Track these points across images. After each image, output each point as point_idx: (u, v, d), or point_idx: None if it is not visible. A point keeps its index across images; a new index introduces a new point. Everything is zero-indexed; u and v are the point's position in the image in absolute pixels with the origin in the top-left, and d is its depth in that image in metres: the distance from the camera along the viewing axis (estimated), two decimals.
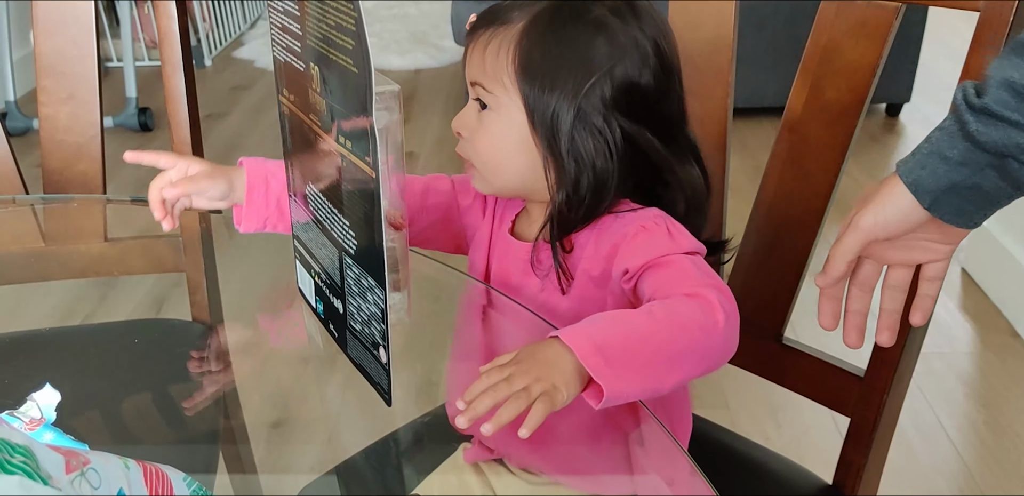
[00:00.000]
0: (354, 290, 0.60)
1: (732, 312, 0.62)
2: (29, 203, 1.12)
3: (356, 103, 0.52)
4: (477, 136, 0.71)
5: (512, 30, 0.68)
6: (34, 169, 1.08)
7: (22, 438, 0.36)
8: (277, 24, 0.63)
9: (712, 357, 0.61)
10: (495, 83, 0.68)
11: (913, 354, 0.80)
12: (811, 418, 1.51)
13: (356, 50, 0.50)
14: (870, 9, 0.76)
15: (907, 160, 0.63)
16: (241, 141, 2.80)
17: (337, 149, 0.57)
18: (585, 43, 0.67)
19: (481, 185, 0.74)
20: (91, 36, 1.06)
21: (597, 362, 0.55)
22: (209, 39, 3.57)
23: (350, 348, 0.64)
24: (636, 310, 0.61)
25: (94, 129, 1.07)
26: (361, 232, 0.57)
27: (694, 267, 0.66)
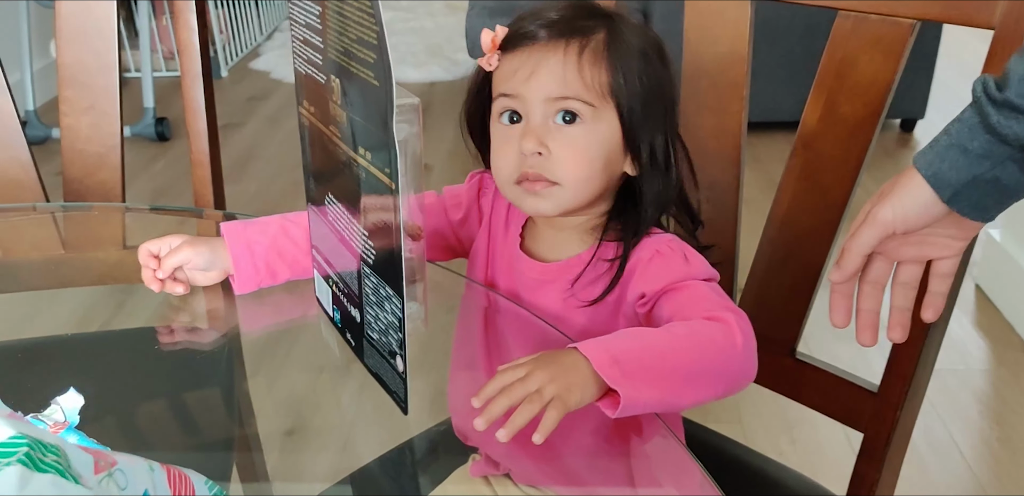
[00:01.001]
0: (372, 299, 0.61)
1: (750, 336, 0.62)
2: (49, 211, 1.13)
3: (377, 115, 0.53)
4: (567, 151, 0.68)
5: (596, 41, 0.68)
6: (53, 177, 1.10)
7: (53, 438, 0.37)
8: (299, 37, 0.64)
9: (730, 379, 0.62)
10: (595, 95, 0.68)
11: (927, 369, 0.80)
12: (825, 434, 1.51)
13: (378, 63, 0.51)
14: (885, 25, 0.77)
15: (925, 152, 0.63)
16: (257, 152, 2.82)
17: (358, 161, 0.58)
18: (655, 56, 0.70)
19: (550, 205, 0.70)
20: (113, 48, 1.08)
21: (613, 372, 0.56)
22: (226, 50, 3.60)
23: (367, 357, 0.65)
24: (655, 328, 0.62)
25: (114, 139, 1.08)
26: (380, 242, 0.58)
27: (712, 292, 0.67)
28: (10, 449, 0.35)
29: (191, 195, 1.32)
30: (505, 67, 0.70)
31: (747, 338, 0.62)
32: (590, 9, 0.71)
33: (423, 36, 3.82)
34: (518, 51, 0.69)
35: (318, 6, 0.58)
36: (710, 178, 0.89)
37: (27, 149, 1.08)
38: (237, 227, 0.80)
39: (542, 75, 0.68)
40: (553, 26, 0.68)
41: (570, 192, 0.69)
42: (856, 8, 0.77)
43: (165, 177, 2.64)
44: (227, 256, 0.79)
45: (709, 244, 0.77)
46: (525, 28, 0.69)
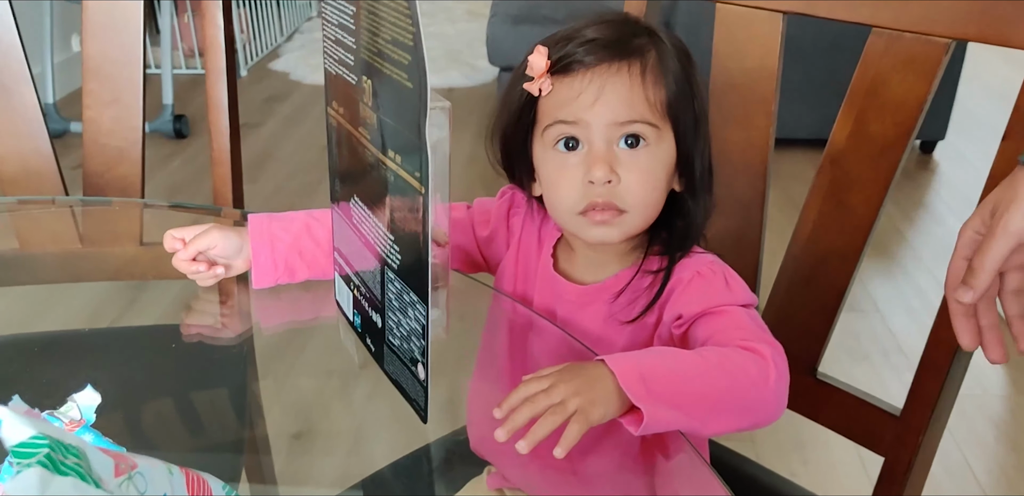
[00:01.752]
0: (395, 305, 0.60)
1: (783, 372, 0.61)
2: (68, 205, 1.13)
3: (409, 118, 0.52)
4: (634, 175, 0.66)
5: (651, 59, 0.67)
6: (71, 171, 1.09)
7: (74, 439, 0.36)
8: (331, 37, 0.63)
9: (758, 412, 0.60)
10: (658, 115, 0.66)
11: (952, 394, 0.78)
12: (838, 455, 1.49)
13: (412, 65, 0.50)
14: (919, 44, 0.76)
15: None
16: (274, 151, 2.82)
17: (387, 163, 0.57)
18: (688, 57, 0.69)
19: (617, 233, 0.68)
20: (138, 41, 1.07)
21: (639, 389, 0.55)
22: (246, 50, 3.62)
23: (387, 363, 0.64)
24: (688, 351, 0.60)
25: (136, 133, 1.08)
26: (406, 247, 0.57)
27: (750, 320, 0.65)
28: (31, 450, 0.34)
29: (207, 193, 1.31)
30: (562, 93, 0.67)
31: (780, 373, 0.60)
32: (630, 25, 0.69)
33: (443, 41, 3.82)
34: (573, 76, 0.66)
35: (352, 6, 0.58)
36: (736, 193, 0.88)
37: (48, 141, 1.08)
38: (262, 221, 0.79)
39: (609, 100, 0.65)
40: (606, 48, 0.66)
41: (638, 218, 0.68)
42: (891, 26, 0.76)
43: (182, 174, 2.64)
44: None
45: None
46: (574, 51, 0.67)
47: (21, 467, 0.33)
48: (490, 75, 3.39)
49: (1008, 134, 0.71)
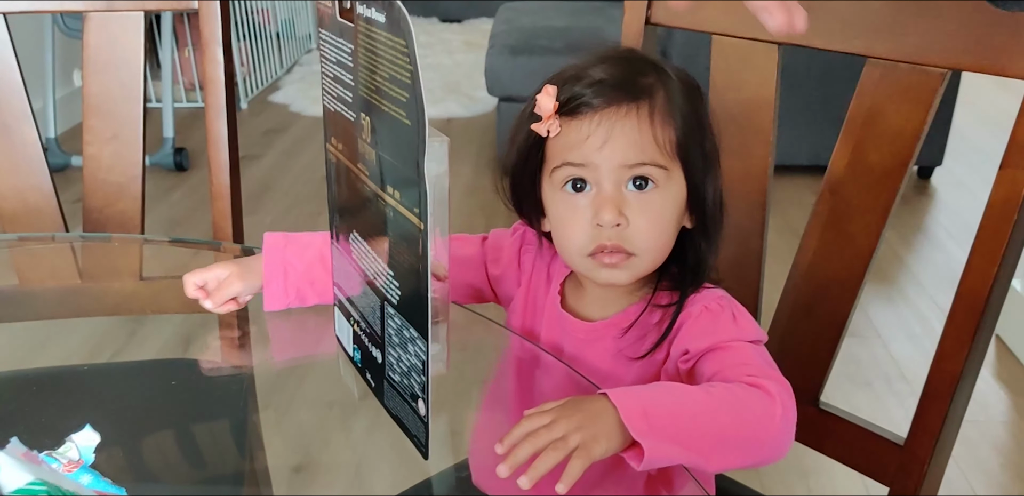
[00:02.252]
0: (395, 340, 0.60)
1: (789, 409, 0.60)
2: (68, 241, 1.13)
3: (407, 155, 0.53)
4: (643, 219, 0.66)
5: (660, 100, 0.66)
6: (70, 205, 1.10)
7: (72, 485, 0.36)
8: (329, 74, 0.64)
9: (762, 450, 0.60)
10: (667, 157, 0.66)
11: (955, 423, 0.78)
12: (842, 483, 1.48)
13: (410, 102, 0.51)
14: (915, 74, 0.76)
15: None
16: (274, 184, 2.83)
17: (386, 199, 0.57)
18: (696, 91, 0.69)
19: (626, 276, 0.68)
20: (139, 78, 1.08)
21: (640, 425, 0.55)
22: (246, 82, 3.64)
23: (387, 398, 0.64)
24: (694, 386, 0.60)
25: (136, 169, 1.09)
26: (406, 282, 0.57)
27: (758, 357, 0.65)
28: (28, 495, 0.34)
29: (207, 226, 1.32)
30: (570, 135, 0.66)
31: (786, 411, 0.59)
32: (637, 63, 0.69)
33: (441, 72, 3.86)
34: (582, 117, 0.66)
35: (350, 44, 0.58)
36: (736, 222, 0.88)
37: (49, 177, 1.08)
38: (278, 243, 0.80)
39: (618, 143, 0.65)
40: (614, 89, 0.66)
41: (647, 261, 0.67)
42: (886, 56, 0.77)
43: (182, 207, 2.65)
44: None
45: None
46: (582, 92, 0.66)
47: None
48: (489, 105, 3.41)
49: (1005, 163, 0.71)
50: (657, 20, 0.91)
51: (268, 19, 3.91)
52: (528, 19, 2.95)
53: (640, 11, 0.91)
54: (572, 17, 2.96)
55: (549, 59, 2.75)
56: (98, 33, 1.07)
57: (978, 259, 0.73)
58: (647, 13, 0.91)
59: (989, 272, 0.72)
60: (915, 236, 2.47)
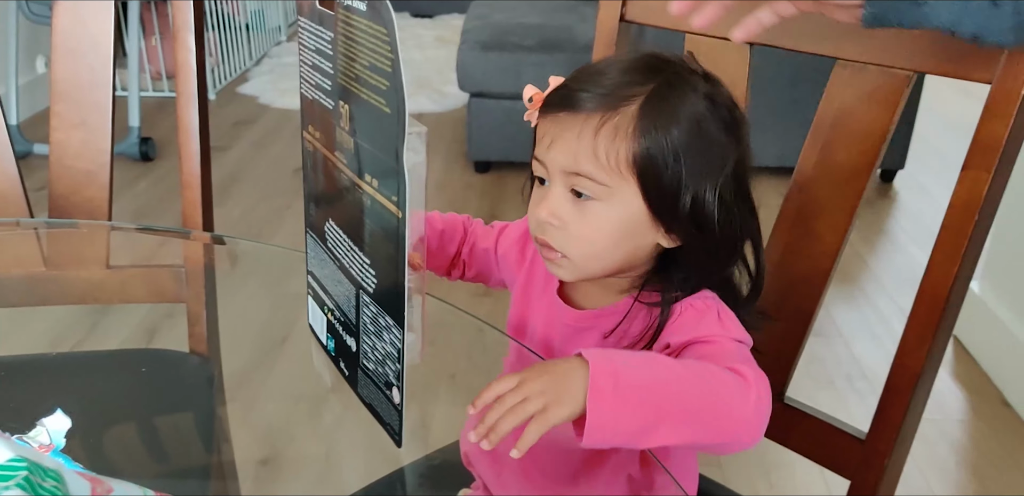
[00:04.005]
0: (370, 329, 0.60)
1: (765, 398, 0.60)
2: (33, 227, 1.11)
3: (386, 143, 0.53)
4: (578, 226, 0.66)
5: (624, 115, 0.64)
6: (34, 193, 1.08)
7: (53, 463, 0.36)
8: (307, 62, 0.64)
9: (730, 430, 0.59)
10: (610, 174, 0.64)
11: (916, 418, 0.80)
12: (803, 478, 1.50)
13: (391, 91, 0.51)
14: (882, 76, 0.78)
15: None
16: (241, 175, 2.80)
17: (363, 188, 0.57)
18: (706, 117, 0.65)
19: (568, 273, 0.69)
20: (108, 64, 1.07)
21: (606, 383, 0.55)
22: (214, 73, 3.61)
23: (361, 387, 0.64)
24: (671, 358, 0.60)
25: (104, 156, 1.07)
26: (382, 271, 0.57)
27: (739, 352, 0.65)
28: (9, 472, 0.34)
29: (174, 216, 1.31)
30: (540, 128, 0.68)
31: (761, 399, 0.59)
32: (646, 68, 0.66)
33: (412, 68, 3.85)
34: (550, 116, 0.66)
35: (330, 32, 0.58)
36: None
37: (14, 163, 1.07)
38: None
39: (559, 147, 0.65)
40: (584, 95, 0.65)
41: (580, 265, 0.68)
42: (855, 58, 0.78)
43: (147, 197, 2.62)
44: None
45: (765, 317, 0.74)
46: (566, 89, 0.66)
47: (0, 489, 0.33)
48: (460, 101, 3.41)
49: (967, 164, 0.73)
50: (632, 17, 0.92)
51: (237, 10, 3.87)
52: (500, 15, 2.95)
53: (614, 8, 0.92)
54: (545, 14, 2.97)
55: (520, 55, 2.75)
56: (67, 18, 1.05)
57: (940, 257, 0.75)
58: (621, 10, 0.92)
59: (950, 270, 0.74)
60: (877, 238, 2.52)
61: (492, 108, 2.74)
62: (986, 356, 1.89)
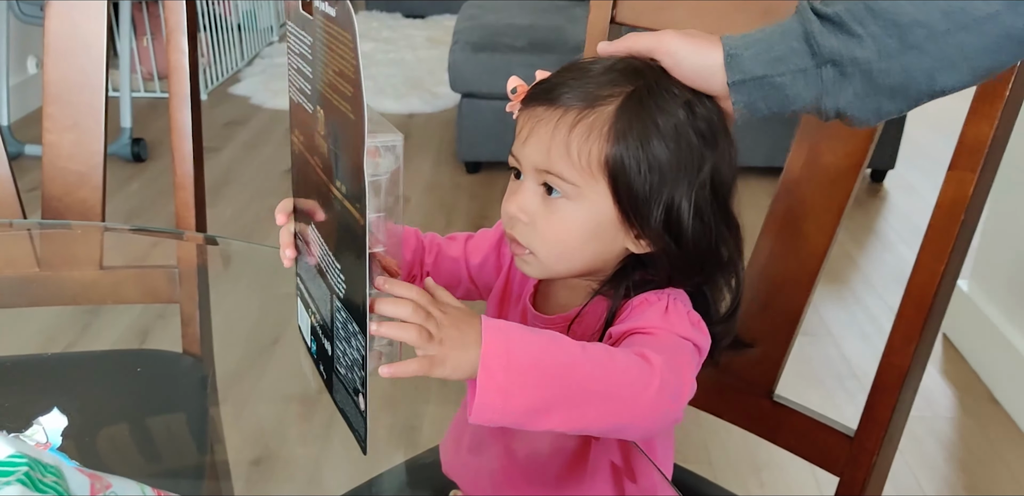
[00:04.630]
0: (341, 334, 0.59)
1: (671, 387, 0.58)
2: (26, 227, 1.12)
3: (352, 149, 0.53)
4: (546, 224, 0.66)
5: (599, 114, 0.63)
6: (25, 194, 1.08)
7: (52, 458, 0.36)
8: (293, 65, 0.64)
9: (626, 414, 0.58)
10: (581, 173, 0.63)
11: (903, 415, 0.81)
12: (793, 477, 1.51)
13: (354, 97, 0.51)
14: None
15: (735, 37, 0.64)
16: (233, 176, 2.80)
17: (335, 193, 0.57)
18: (684, 125, 0.64)
19: (535, 270, 0.69)
20: (101, 65, 1.07)
21: (497, 362, 0.55)
22: (206, 74, 3.60)
23: (335, 391, 0.63)
24: (574, 341, 0.58)
25: (97, 158, 1.07)
26: (350, 277, 0.56)
27: (672, 345, 0.62)
28: (9, 468, 0.34)
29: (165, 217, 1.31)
30: (519, 121, 0.67)
31: (663, 389, 0.57)
32: (630, 70, 0.65)
33: (404, 68, 3.85)
34: (528, 109, 0.66)
35: (310, 36, 0.58)
36: None
37: (7, 164, 1.07)
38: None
39: (532, 143, 0.65)
40: (561, 91, 0.64)
41: (546, 263, 0.67)
42: None
43: (139, 198, 2.61)
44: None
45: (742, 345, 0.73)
46: (548, 83, 0.66)
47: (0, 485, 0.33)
48: (451, 101, 3.41)
49: (953, 164, 0.74)
50: (622, 19, 0.92)
51: (229, 10, 3.87)
52: (492, 16, 2.95)
53: (605, 10, 0.93)
54: (536, 15, 2.97)
55: (512, 56, 2.76)
56: (60, 20, 1.06)
57: (926, 256, 0.76)
58: (612, 12, 0.92)
59: (937, 269, 0.75)
60: (867, 237, 2.53)
61: (483, 108, 2.74)
62: (975, 354, 1.91)
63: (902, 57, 0.59)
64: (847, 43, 0.60)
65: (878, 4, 0.59)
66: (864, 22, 0.60)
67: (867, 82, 0.61)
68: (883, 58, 0.60)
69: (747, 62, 0.63)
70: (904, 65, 0.59)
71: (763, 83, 0.63)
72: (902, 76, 0.60)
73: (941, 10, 0.58)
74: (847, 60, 0.60)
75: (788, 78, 0.62)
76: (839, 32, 0.60)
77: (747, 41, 0.64)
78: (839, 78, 0.61)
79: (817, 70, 0.62)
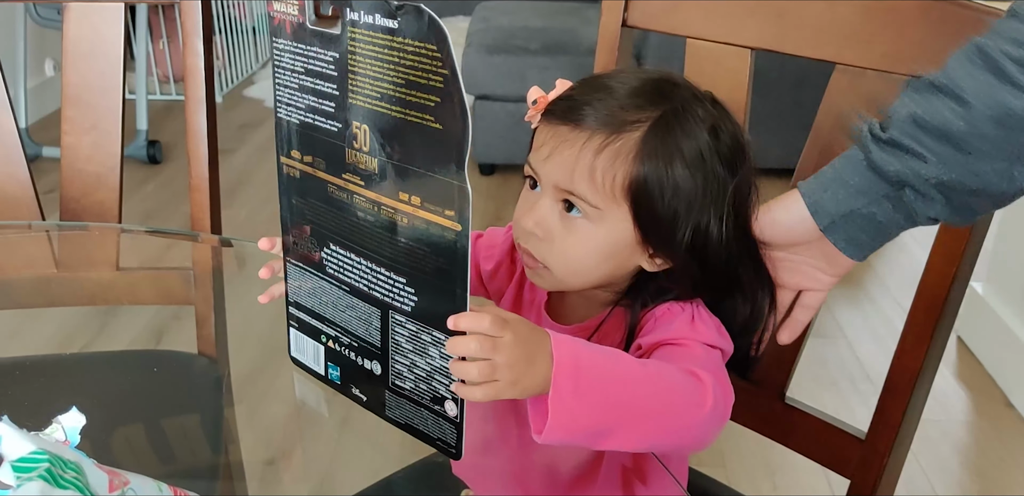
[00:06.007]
0: (405, 348, 0.59)
1: (721, 404, 0.59)
2: (45, 229, 1.13)
3: (437, 158, 0.52)
4: (562, 241, 0.66)
5: (627, 140, 0.63)
6: (43, 196, 1.10)
7: (72, 455, 0.37)
8: (291, 85, 0.61)
9: (682, 433, 0.59)
10: (603, 197, 0.64)
11: (915, 418, 0.80)
12: (807, 480, 1.51)
13: (444, 106, 0.50)
14: (880, 81, 0.78)
15: (810, 182, 0.66)
16: (247, 178, 2.82)
17: (397, 207, 0.56)
18: (710, 150, 0.64)
19: (547, 283, 0.69)
20: (118, 68, 1.08)
21: (567, 384, 0.54)
22: (221, 77, 3.63)
23: (391, 409, 0.62)
24: (632, 357, 0.59)
25: (114, 159, 1.09)
26: (426, 287, 0.56)
27: (705, 356, 0.64)
28: (31, 464, 0.35)
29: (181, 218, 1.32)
30: (538, 136, 0.67)
31: (717, 405, 0.58)
32: (655, 93, 0.65)
33: None
34: (550, 125, 0.65)
35: (334, 52, 0.56)
36: None
37: (25, 166, 1.08)
38: None
39: (556, 162, 0.64)
40: (590, 111, 0.64)
41: (558, 278, 0.67)
42: (855, 63, 0.79)
43: (155, 200, 2.63)
44: None
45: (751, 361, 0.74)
46: (572, 101, 0.65)
47: (22, 481, 0.34)
48: None
49: None
50: (634, 22, 0.93)
51: (244, 13, 3.89)
52: (505, 19, 2.96)
53: (617, 13, 0.93)
54: (549, 17, 2.98)
55: (525, 59, 2.76)
56: (78, 23, 1.07)
57: (938, 257, 0.76)
58: (624, 15, 0.92)
59: (948, 270, 0.75)
60: None
61: (497, 111, 2.75)
62: (989, 357, 1.90)
63: (969, 165, 0.59)
64: (910, 163, 0.61)
65: (924, 120, 0.60)
66: (919, 139, 0.60)
67: (946, 192, 0.61)
68: (950, 170, 0.60)
69: (830, 205, 0.65)
70: (974, 171, 0.59)
71: (853, 217, 0.64)
72: (977, 181, 0.60)
73: (990, 118, 0.58)
74: (918, 180, 0.61)
75: (875, 207, 0.64)
76: (899, 153, 0.61)
77: (821, 182, 0.65)
78: (918, 196, 0.62)
79: (897, 193, 0.62)
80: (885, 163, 0.61)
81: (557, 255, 0.66)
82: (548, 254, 0.66)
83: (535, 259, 0.67)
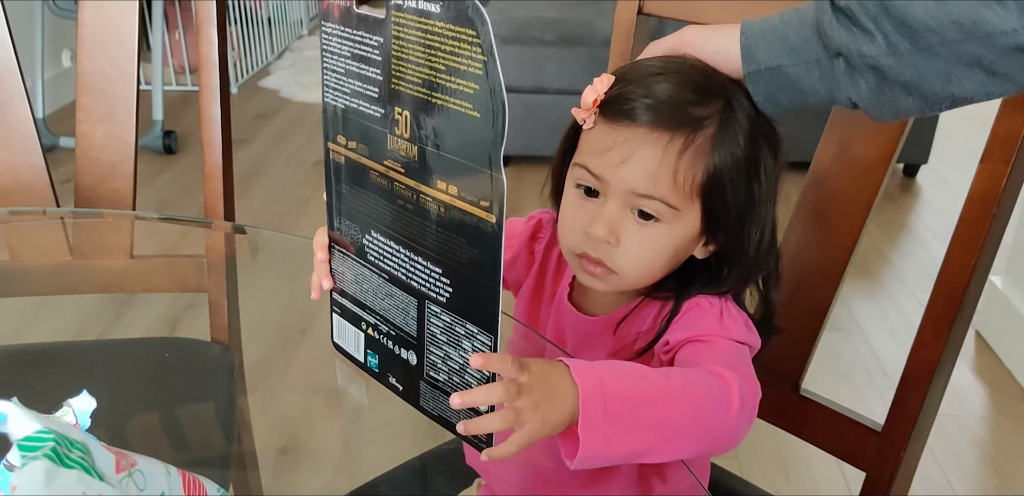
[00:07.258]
0: (440, 339, 0.58)
1: (749, 403, 0.59)
2: (59, 216, 1.13)
3: (473, 147, 0.51)
4: (636, 247, 0.65)
5: (703, 137, 0.63)
6: (60, 185, 1.10)
7: (79, 435, 0.37)
8: (337, 69, 0.60)
9: (712, 441, 0.59)
10: (682, 197, 0.63)
11: (932, 411, 0.80)
12: (821, 473, 1.50)
13: (481, 94, 0.49)
14: None
15: (756, 23, 0.64)
16: (262, 168, 2.83)
17: (433, 195, 0.55)
18: (761, 129, 0.66)
19: (604, 286, 0.68)
20: (133, 57, 1.08)
21: (596, 411, 0.53)
22: (236, 67, 3.63)
23: (426, 400, 0.61)
24: (654, 370, 0.59)
25: (128, 149, 1.09)
26: (461, 278, 0.55)
27: (733, 353, 0.64)
28: (36, 443, 0.35)
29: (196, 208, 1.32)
30: (598, 137, 0.64)
31: (744, 405, 0.58)
32: (706, 86, 0.64)
33: None
34: (617, 126, 0.63)
35: (377, 37, 0.56)
36: None
37: (41, 155, 1.09)
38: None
39: (633, 167, 0.62)
40: (657, 111, 0.62)
41: (629, 281, 0.67)
42: None
43: (170, 190, 2.64)
44: None
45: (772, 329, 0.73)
46: (629, 100, 0.63)
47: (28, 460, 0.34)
48: None
49: (985, 157, 0.73)
50: (649, 10, 0.92)
51: (259, 4, 3.90)
52: (520, 9, 2.95)
53: (632, 1, 0.92)
54: (564, 8, 2.97)
55: (541, 50, 2.75)
56: (93, 12, 1.07)
57: (957, 250, 0.75)
58: (640, 3, 0.92)
59: (968, 262, 0.74)
60: (899, 233, 2.50)
61: (512, 102, 2.68)
62: (1008, 352, 1.88)
63: (913, 57, 0.58)
64: (856, 37, 0.59)
65: (892, 4, 0.58)
66: (877, 19, 0.59)
67: (878, 77, 0.60)
68: (893, 55, 0.59)
69: (760, 53, 0.63)
70: (915, 64, 0.59)
71: (778, 73, 0.63)
72: (914, 74, 0.59)
73: (954, 20, 0.57)
74: (855, 54, 0.60)
75: (802, 69, 0.62)
76: (850, 25, 0.60)
77: (764, 28, 0.63)
78: (849, 71, 0.60)
79: (830, 61, 0.61)
80: (832, 30, 0.60)
81: (631, 260, 0.65)
82: (620, 259, 0.65)
83: (606, 267, 0.66)
